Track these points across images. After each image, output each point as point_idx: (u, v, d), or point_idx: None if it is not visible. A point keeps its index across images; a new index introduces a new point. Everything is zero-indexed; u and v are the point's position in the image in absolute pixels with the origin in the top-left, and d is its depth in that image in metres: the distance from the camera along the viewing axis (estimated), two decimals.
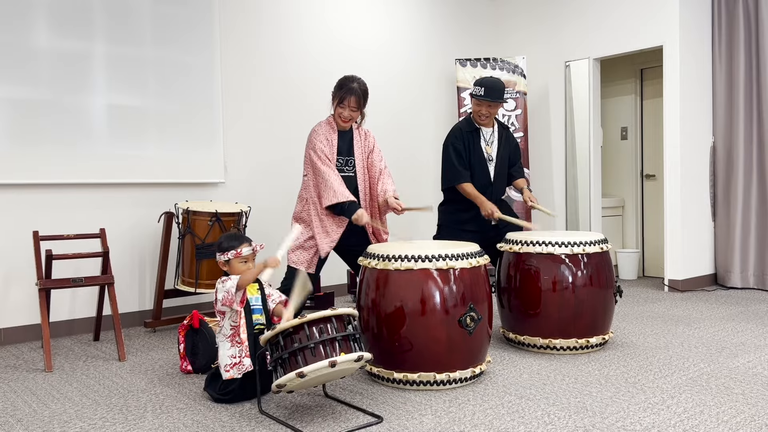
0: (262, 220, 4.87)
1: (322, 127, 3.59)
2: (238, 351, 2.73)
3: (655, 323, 4.13)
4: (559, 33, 6.05)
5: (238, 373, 2.70)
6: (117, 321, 3.54)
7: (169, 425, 2.50)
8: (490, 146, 4.01)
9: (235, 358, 2.72)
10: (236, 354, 2.73)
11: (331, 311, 2.48)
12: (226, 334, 2.77)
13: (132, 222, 4.37)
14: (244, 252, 2.84)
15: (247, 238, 2.92)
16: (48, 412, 2.68)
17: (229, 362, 2.72)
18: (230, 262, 2.85)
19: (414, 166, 5.90)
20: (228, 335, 2.76)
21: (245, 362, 2.71)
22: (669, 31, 5.26)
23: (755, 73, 5.27)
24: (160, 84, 4.41)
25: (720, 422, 2.40)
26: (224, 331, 2.78)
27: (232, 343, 2.74)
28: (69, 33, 4.07)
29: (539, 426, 2.40)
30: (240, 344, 2.73)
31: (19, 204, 3.97)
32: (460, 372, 2.85)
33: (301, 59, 5.19)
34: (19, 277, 3.97)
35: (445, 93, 6.17)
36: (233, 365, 2.72)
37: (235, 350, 2.73)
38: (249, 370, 2.70)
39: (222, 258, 2.87)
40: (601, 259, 3.45)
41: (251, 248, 2.87)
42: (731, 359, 3.25)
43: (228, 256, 2.84)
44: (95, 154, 4.16)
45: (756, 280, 5.34)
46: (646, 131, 6.29)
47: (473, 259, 2.91)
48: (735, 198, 5.41)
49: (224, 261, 2.87)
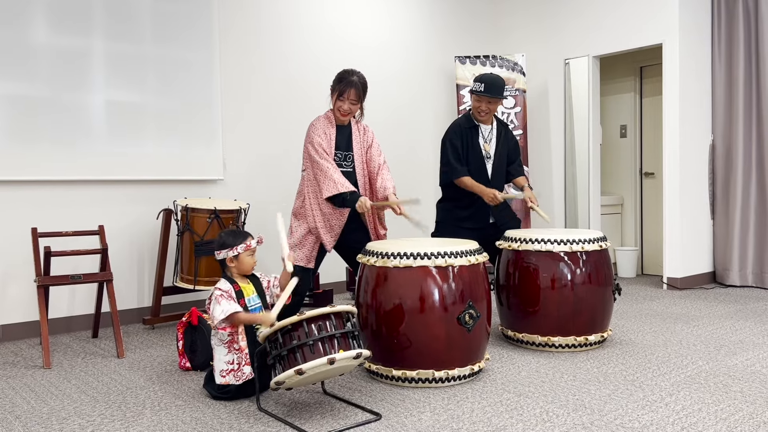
0: (261, 217, 4.86)
1: (320, 122, 3.58)
2: (236, 358, 2.70)
3: (653, 321, 4.14)
4: (558, 30, 6.05)
5: (236, 380, 2.67)
6: (116, 318, 3.54)
7: (167, 422, 2.49)
8: (489, 144, 4.01)
9: (232, 364, 2.69)
10: (234, 360, 2.70)
11: (330, 308, 2.48)
12: (223, 340, 2.72)
13: (131, 219, 4.37)
14: (252, 244, 2.82)
15: (247, 233, 2.90)
16: (46, 409, 2.68)
17: (226, 368, 2.70)
18: (239, 257, 2.81)
19: (413, 163, 5.90)
20: (225, 341, 2.72)
21: (245, 370, 2.68)
22: (669, 30, 5.26)
23: (755, 71, 5.27)
24: (160, 81, 4.40)
25: (718, 420, 2.41)
26: (221, 336, 2.73)
27: (229, 350, 2.71)
28: (68, 30, 4.06)
29: (537, 423, 2.40)
30: (239, 351, 2.70)
31: (17, 201, 3.96)
32: (459, 369, 2.85)
33: (300, 56, 5.19)
34: (18, 273, 3.96)
35: (444, 90, 6.17)
36: (230, 371, 2.69)
37: (232, 356, 2.70)
38: (249, 378, 2.67)
39: (231, 253, 2.79)
40: (600, 257, 3.45)
41: (256, 240, 2.86)
42: (729, 357, 3.26)
43: (238, 249, 2.79)
44: (94, 151, 4.16)
45: (755, 278, 5.34)
46: (646, 129, 6.28)
47: (472, 257, 2.91)
48: (734, 196, 5.41)
49: (233, 256, 2.80)
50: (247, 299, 2.80)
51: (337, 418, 2.49)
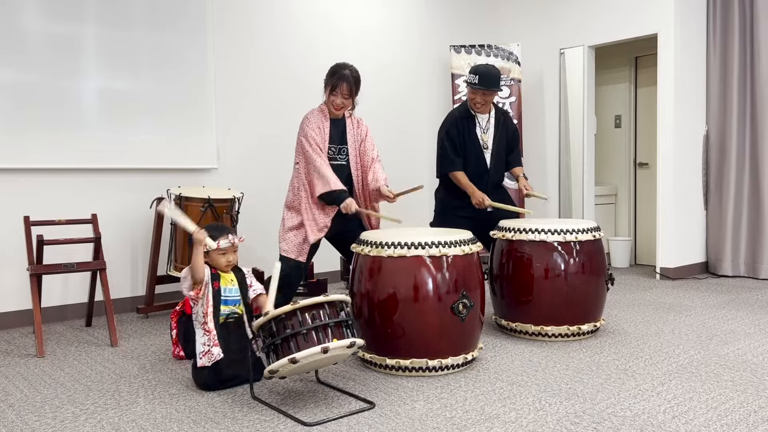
0: (255, 206, 4.86)
1: (314, 115, 3.57)
2: (207, 339, 2.72)
3: (646, 311, 4.16)
4: (554, 20, 6.03)
5: (208, 362, 2.70)
6: (109, 306, 3.53)
7: (161, 410, 2.50)
8: (486, 133, 3.99)
9: (205, 345, 2.72)
10: (206, 342, 2.72)
11: (323, 297, 2.48)
12: (199, 321, 2.75)
13: (124, 207, 4.35)
14: (222, 244, 2.79)
15: (229, 230, 2.86)
16: (40, 398, 2.68)
17: (202, 350, 2.72)
18: (209, 254, 2.81)
19: (408, 152, 5.89)
20: (201, 322, 2.75)
21: (213, 351, 2.70)
22: (664, 20, 5.25)
23: (749, 62, 5.27)
24: (153, 69, 4.37)
25: (709, 408, 2.42)
26: (198, 317, 2.77)
27: (203, 330, 2.74)
28: (60, 16, 4.02)
29: (530, 412, 2.41)
30: (208, 333, 2.72)
31: (10, 189, 3.94)
32: (452, 358, 2.86)
33: (295, 45, 5.16)
34: (11, 262, 3.95)
35: (439, 79, 6.15)
36: (204, 353, 2.71)
37: (205, 338, 2.73)
38: (218, 359, 2.69)
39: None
40: (594, 247, 3.46)
41: (228, 242, 2.81)
42: (721, 346, 3.28)
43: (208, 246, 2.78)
44: (87, 138, 4.13)
45: (747, 269, 5.37)
46: (640, 119, 6.29)
47: (466, 247, 2.91)
48: (727, 187, 5.43)
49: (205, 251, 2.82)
50: (223, 287, 2.79)
51: (330, 407, 2.49)
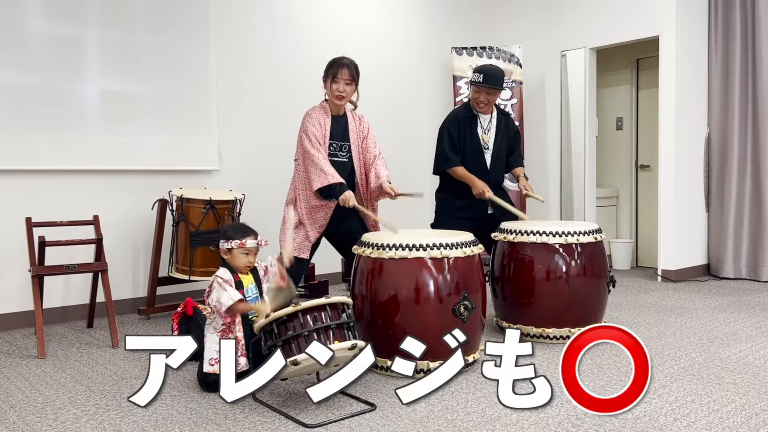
0: (257, 207, 4.85)
1: (315, 111, 3.57)
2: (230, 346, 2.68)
3: (647, 313, 4.15)
4: (555, 22, 6.03)
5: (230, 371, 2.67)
6: (110, 308, 3.53)
7: (162, 412, 2.50)
8: (487, 134, 3.99)
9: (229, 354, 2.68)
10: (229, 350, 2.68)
11: (325, 299, 2.48)
12: (217, 328, 2.72)
13: (126, 209, 4.35)
14: (248, 244, 2.79)
15: (254, 232, 2.86)
16: (41, 399, 2.68)
17: (213, 356, 2.68)
18: (232, 251, 2.80)
19: (409, 154, 5.89)
20: (219, 329, 2.72)
21: (240, 361, 2.64)
22: (665, 22, 5.25)
23: (751, 64, 5.27)
24: (155, 70, 4.38)
25: (711, 411, 2.42)
26: (215, 325, 2.73)
27: (224, 337, 2.69)
28: (62, 17, 4.02)
29: (531, 414, 2.41)
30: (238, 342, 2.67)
31: (11, 190, 3.94)
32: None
33: (296, 46, 5.16)
34: (12, 263, 3.95)
35: (440, 81, 6.15)
36: (216, 360, 2.65)
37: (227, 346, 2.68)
38: (244, 369, 2.63)
39: (225, 245, 2.79)
40: (595, 249, 3.45)
41: (256, 242, 2.82)
42: (723, 349, 3.28)
43: (232, 244, 2.78)
44: (89, 140, 4.13)
45: (748, 271, 5.37)
46: (641, 122, 6.29)
47: (467, 248, 2.91)
48: (729, 189, 5.42)
49: (227, 249, 2.80)
50: (245, 290, 2.80)
51: (331, 409, 2.49)
